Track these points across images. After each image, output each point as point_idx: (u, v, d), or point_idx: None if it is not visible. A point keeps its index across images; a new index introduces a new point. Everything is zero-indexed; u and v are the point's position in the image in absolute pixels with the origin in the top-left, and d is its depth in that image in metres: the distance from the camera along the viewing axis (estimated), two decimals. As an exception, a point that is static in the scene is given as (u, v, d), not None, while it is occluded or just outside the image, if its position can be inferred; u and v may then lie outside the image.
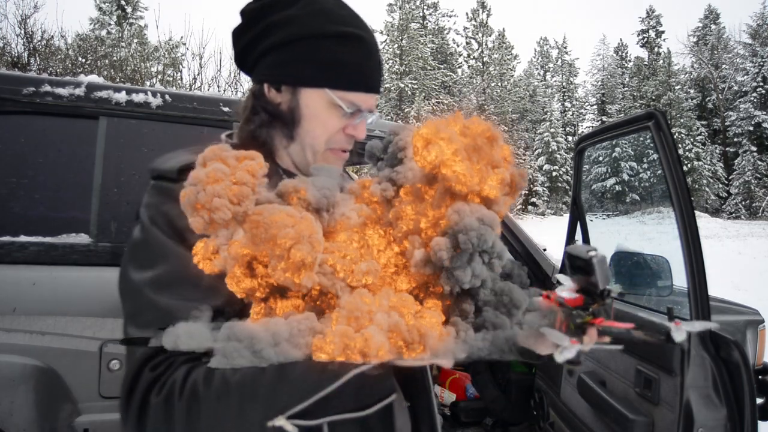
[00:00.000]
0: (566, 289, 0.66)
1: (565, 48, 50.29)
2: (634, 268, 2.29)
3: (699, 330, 0.62)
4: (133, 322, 0.69)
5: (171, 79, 12.92)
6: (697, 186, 34.11)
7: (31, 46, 11.14)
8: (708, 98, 41.16)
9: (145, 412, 0.62)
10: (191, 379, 0.62)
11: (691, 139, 35.37)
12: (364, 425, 0.71)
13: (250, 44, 0.85)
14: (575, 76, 49.44)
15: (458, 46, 44.29)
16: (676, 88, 39.95)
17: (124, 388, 0.64)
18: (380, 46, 0.88)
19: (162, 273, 0.69)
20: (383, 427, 0.76)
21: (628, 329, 0.60)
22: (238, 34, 0.87)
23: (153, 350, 0.64)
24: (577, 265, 0.62)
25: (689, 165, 33.66)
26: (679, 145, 32.60)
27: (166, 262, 0.70)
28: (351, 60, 0.81)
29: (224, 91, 11.70)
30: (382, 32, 41.71)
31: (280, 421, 0.58)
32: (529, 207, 35.89)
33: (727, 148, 38.77)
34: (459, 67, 44.36)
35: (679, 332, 0.58)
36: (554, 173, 36.88)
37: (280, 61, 0.82)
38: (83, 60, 12.16)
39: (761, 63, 37.91)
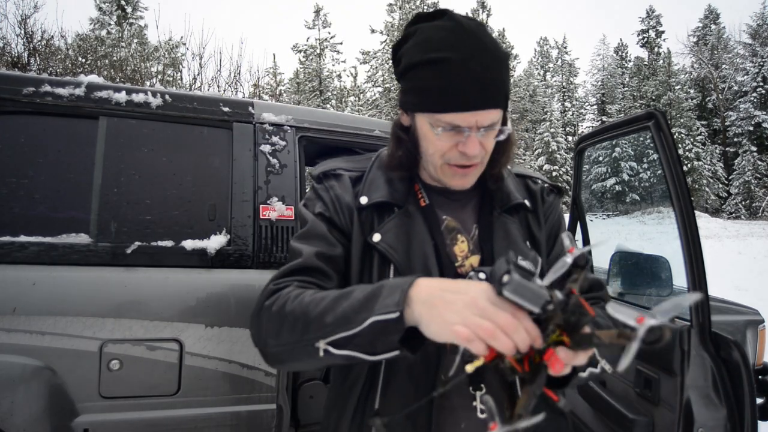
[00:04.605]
0: None
1: (565, 48, 50.27)
2: (634, 268, 2.29)
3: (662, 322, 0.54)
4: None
5: (171, 79, 12.92)
6: (697, 186, 34.09)
7: (31, 46, 11.12)
8: (708, 98, 41.14)
9: (260, 311, 0.87)
10: (287, 295, 0.84)
11: (691, 139, 35.35)
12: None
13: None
14: (575, 76, 49.42)
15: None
16: (676, 88, 39.91)
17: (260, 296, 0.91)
18: (490, 54, 0.87)
19: (302, 231, 0.97)
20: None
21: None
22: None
23: (281, 273, 0.91)
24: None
25: (689, 165, 33.64)
26: (679, 145, 32.57)
27: (305, 224, 0.97)
28: (435, 84, 0.85)
29: (224, 91, 11.70)
30: (382, 32, 41.71)
31: (321, 344, 0.77)
32: (529, 207, 35.77)
33: (727, 148, 38.75)
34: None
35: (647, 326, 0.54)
36: (554, 173, 36.87)
37: (401, 89, 0.96)
38: (83, 60, 12.15)
39: (761, 63, 37.90)
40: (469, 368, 0.63)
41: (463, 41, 0.85)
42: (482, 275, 0.79)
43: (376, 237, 0.92)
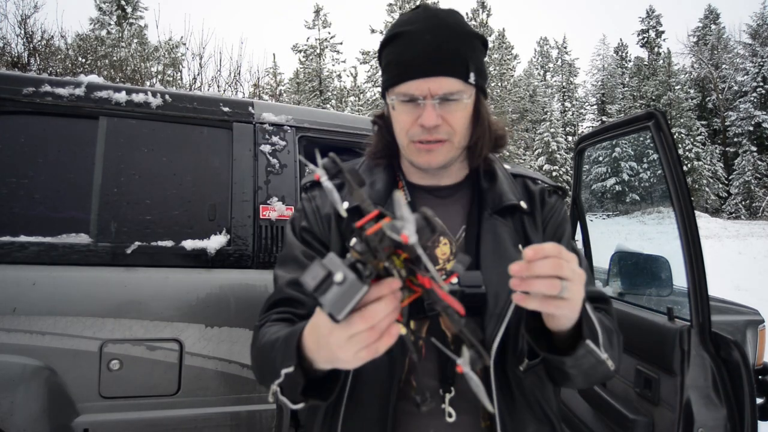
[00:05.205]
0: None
1: (565, 48, 50.29)
2: (634, 268, 2.29)
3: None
4: None
5: (171, 79, 12.92)
6: (697, 186, 34.08)
7: (31, 46, 11.11)
8: (708, 98, 41.14)
9: (251, 351, 0.91)
10: (258, 334, 0.88)
11: (691, 139, 35.34)
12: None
13: None
14: (575, 76, 49.43)
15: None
16: (676, 88, 39.89)
17: None
18: (447, 28, 0.88)
19: (280, 254, 1.00)
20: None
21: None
22: None
23: (263, 308, 0.94)
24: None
25: (689, 165, 33.63)
26: (679, 145, 32.55)
27: (284, 247, 1.00)
28: (393, 58, 0.89)
29: (224, 91, 11.70)
30: (382, 32, 41.73)
31: (273, 388, 0.77)
32: (529, 207, 35.75)
33: (727, 148, 38.75)
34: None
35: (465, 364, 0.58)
36: (554, 173, 36.86)
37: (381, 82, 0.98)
38: (83, 60, 12.15)
39: (761, 63, 37.90)
40: (402, 330, 0.64)
41: (421, 18, 0.89)
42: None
43: (353, 241, 0.89)
